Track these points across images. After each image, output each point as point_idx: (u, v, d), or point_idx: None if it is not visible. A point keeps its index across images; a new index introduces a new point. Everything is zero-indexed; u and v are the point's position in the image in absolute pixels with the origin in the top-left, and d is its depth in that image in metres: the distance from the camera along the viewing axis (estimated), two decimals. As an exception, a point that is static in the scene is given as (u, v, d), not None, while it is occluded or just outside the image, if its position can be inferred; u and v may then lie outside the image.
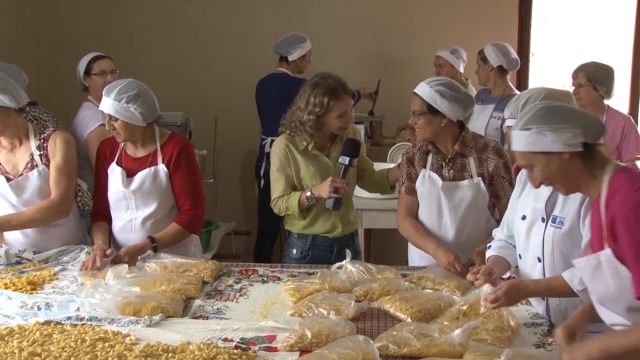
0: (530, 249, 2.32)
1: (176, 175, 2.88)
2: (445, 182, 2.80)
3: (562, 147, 1.87)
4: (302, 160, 2.96)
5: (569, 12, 5.41)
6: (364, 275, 2.59)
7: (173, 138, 2.94)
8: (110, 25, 5.35)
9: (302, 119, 2.88)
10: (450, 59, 4.70)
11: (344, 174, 2.88)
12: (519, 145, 1.95)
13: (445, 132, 2.78)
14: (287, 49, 4.64)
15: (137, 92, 2.77)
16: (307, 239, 3.04)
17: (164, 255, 2.76)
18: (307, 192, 2.92)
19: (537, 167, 1.94)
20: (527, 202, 2.35)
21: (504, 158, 2.81)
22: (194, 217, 2.92)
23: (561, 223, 2.20)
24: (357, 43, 5.32)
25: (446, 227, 2.82)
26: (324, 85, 2.86)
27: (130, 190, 2.86)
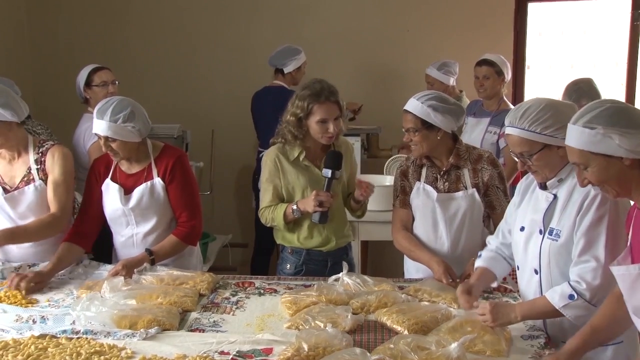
0: (528, 260, 2.31)
1: (172, 187, 2.88)
2: (440, 193, 2.80)
3: (627, 152, 1.78)
4: (293, 171, 2.93)
5: (564, 25, 5.44)
6: (360, 288, 2.59)
7: (167, 150, 2.93)
8: (107, 37, 5.37)
9: (290, 124, 2.87)
10: (438, 76, 4.69)
11: (327, 187, 2.85)
12: (576, 142, 1.85)
13: (441, 146, 2.79)
14: (283, 61, 4.65)
15: (132, 110, 2.75)
16: (301, 254, 3.01)
17: (161, 268, 2.75)
18: (293, 205, 2.89)
19: (593, 167, 1.85)
20: (525, 213, 2.35)
21: (498, 168, 2.81)
22: (191, 229, 2.91)
23: (557, 235, 2.20)
24: (353, 55, 5.34)
25: (442, 239, 2.82)
26: (310, 88, 2.85)
27: (129, 207, 2.85)
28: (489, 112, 4.27)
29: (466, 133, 4.27)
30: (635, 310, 1.86)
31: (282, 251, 3.11)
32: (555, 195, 2.24)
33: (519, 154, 2.22)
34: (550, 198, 2.24)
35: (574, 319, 2.12)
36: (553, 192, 2.25)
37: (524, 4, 5.22)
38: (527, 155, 2.19)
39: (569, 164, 2.16)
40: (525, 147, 2.19)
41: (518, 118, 2.18)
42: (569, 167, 2.19)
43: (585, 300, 2.08)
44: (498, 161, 2.85)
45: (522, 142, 2.19)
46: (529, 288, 2.33)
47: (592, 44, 5.42)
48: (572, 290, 2.09)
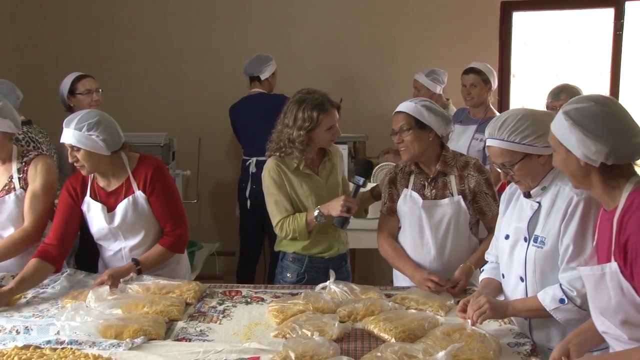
0: (513, 268, 2.32)
1: (153, 198, 2.83)
2: (426, 200, 2.81)
3: (582, 155, 1.81)
4: (296, 180, 2.94)
5: (549, 34, 5.49)
6: (347, 296, 2.58)
7: (143, 161, 2.87)
8: (93, 44, 5.35)
9: (292, 136, 2.87)
10: (426, 82, 4.72)
11: (355, 194, 2.88)
12: (553, 125, 1.88)
13: (430, 150, 2.80)
14: (259, 68, 4.68)
15: (98, 120, 2.68)
16: (303, 261, 3.00)
17: (147, 277, 2.73)
18: (314, 211, 2.88)
19: (557, 155, 1.90)
20: (510, 221, 2.36)
21: (485, 175, 2.82)
22: (177, 237, 2.89)
23: (542, 243, 2.21)
24: (340, 63, 5.35)
25: (428, 245, 2.82)
26: (311, 100, 2.87)
27: (115, 226, 2.81)
28: (475, 120, 4.31)
29: (453, 140, 4.28)
30: (602, 310, 1.88)
31: (282, 260, 3.09)
32: (539, 203, 2.25)
33: (501, 164, 2.23)
34: (534, 206, 2.25)
35: (563, 322, 2.15)
36: (537, 200, 2.26)
37: (509, 13, 5.27)
38: (509, 166, 2.21)
39: (552, 172, 2.20)
40: (506, 158, 2.21)
41: (497, 129, 2.20)
42: (551, 175, 2.21)
43: (576, 305, 2.11)
44: (485, 168, 2.87)
45: (503, 152, 2.21)
46: (514, 296, 2.33)
47: (576, 53, 5.47)
48: (564, 294, 2.11)
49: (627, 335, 1.84)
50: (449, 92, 4.86)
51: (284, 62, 4.95)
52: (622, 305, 1.80)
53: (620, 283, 1.78)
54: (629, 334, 1.83)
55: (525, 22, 5.42)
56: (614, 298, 1.81)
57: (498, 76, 4.46)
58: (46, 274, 2.76)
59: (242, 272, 4.86)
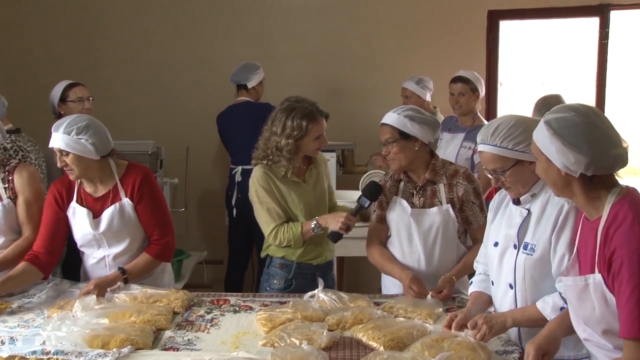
0: (503, 275, 2.32)
1: (141, 205, 2.82)
2: (414, 209, 2.81)
3: (561, 165, 1.82)
4: (284, 188, 2.94)
5: (535, 43, 5.53)
6: (336, 304, 2.57)
7: (131, 168, 2.86)
8: (79, 54, 5.33)
9: (280, 144, 2.87)
10: (416, 90, 4.73)
11: (356, 213, 2.88)
12: (535, 134, 1.89)
13: (418, 159, 2.80)
14: (246, 76, 4.68)
15: (87, 124, 2.69)
16: (291, 267, 3.00)
17: (134, 286, 2.71)
18: (312, 222, 2.89)
19: (538, 163, 1.91)
20: (499, 228, 2.36)
21: (473, 184, 2.82)
22: (164, 246, 2.87)
23: (532, 250, 2.21)
24: (327, 72, 5.36)
25: (417, 253, 2.82)
26: (301, 109, 2.87)
27: (100, 232, 2.80)
28: (463, 128, 4.32)
29: (441, 148, 4.30)
30: (585, 319, 1.89)
31: (268, 267, 3.07)
32: (528, 210, 2.26)
33: (492, 170, 2.24)
34: (524, 213, 2.26)
35: None
36: (526, 207, 2.26)
37: (496, 22, 5.29)
38: (500, 172, 2.22)
39: (542, 179, 2.19)
40: (498, 164, 2.21)
41: (490, 135, 2.21)
42: (541, 182, 2.21)
43: None
44: (474, 177, 2.87)
45: (495, 158, 2.21)
46: (503, 303, 2.33)
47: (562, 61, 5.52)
48: (564, 303, 2.09)
49: (611, 344, 1.85)
50: (436, 100, 4.88)
51: (272, 70, 4.96)
52: (605, 315, 1.81)
53: (604, 294, 1.79)
54: (612, 342, 1.84)
55: (512, 30, 5.47)
56: (597, 308, 1.82)
57: (485, 84, 4.49)
58: (33, 278, 2.76)
59: (230, 280, 4.84)
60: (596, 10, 5.11)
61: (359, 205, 2.87)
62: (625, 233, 1.75)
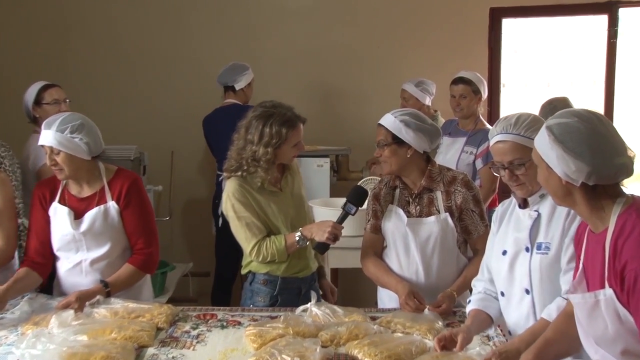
0: (516, 282, 2.32)
1: (127, 212, 2.84)
2: (411, 218, 2.82)
3: (562, 173, 1.82)
4: (262, 200, 2.93)
5: (540, 42, 5.55)
6: (330, 319, 2.57)
7: (121, 173, 2.90)
8: (55, 53, 5.33)
9: (257, 154, 2.85)
10: (415, 92, 4.75)
11: (342, 221, 2.86)
12: (537, 139, 1.89)
13: (411, 165, 2.81)
14: (234, 77, 4.70)
15: (82, 122, 2.74)
16: (276, 283, 2.98)
17: (115, 300, 2.70)
18: (295, 235, 2.87)
19: (540, 170, 1.91)
20: (506, 235, 2.36)
21: (472, 191, 2.83)
22: (148, 256, 2.88)
23: (547, 249, 2.22)
24: (320, 73, 5.38)
25: (415, 265, 2.83)
26: (279, 115, 2.86)
27: (80, 232, 2.80)
28: (465, 132, 4.33)
29: (441, 153, 4.31)
30: (597, 339, 1.86)
31: (251, 284, 3.04)
32: (538, 212, 2.27)
33: (509, 162, 2.24)
34: (534, 215, 2.28)
35: None
36: (535, 209, 2.28)
37: (499, 20, 5.33)
38: (518, 164, 2.23)
39: None
40: (519, 154, 2.22)
41: (512, 125, 2.24)
42: None
43: None
44: (473, 183, 2.88)
45: (517, 148, 2.22)
46: (519, 312, 2.32)
47: (569, 61, 5.53)
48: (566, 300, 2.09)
49: None
50: (436, 102, 4.90)
51: (261, 71, 4.97)
52: (620, 334, 1.79)
53: (617, 310, 1.77)
54: None
55: (516, 29, 5.49)
56: (611, 327, 1.80)
57: (487, 86, 4.49)
58: (35, 283, 2.84)
59: (218, 294, 4.84)
60: (604, 7, 5.16)
61: (345, 212, 2.86)
62: (636, 244, 1.74)
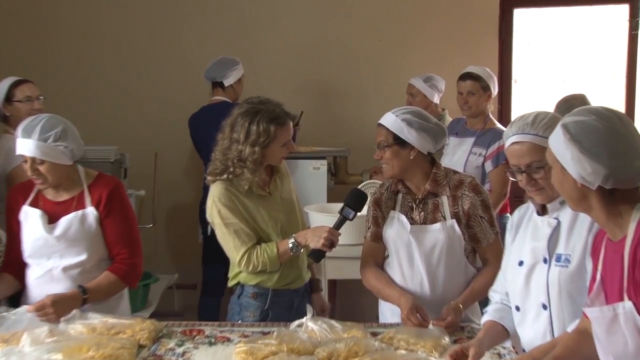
0: (532, 296, 2.31)
1: (108, 220, 2.85)
2: (414, 225, 2.83)
3: (577, 175, 1.82)
4: (251, 204, 2.93)
5: (555, 34, 5.55)
6: (327, 334, 2.57)
7: (101, 179, 2.92)
8: (28, 46, 5.33)
9: (244, 154, 2.86)
10: (424, 88, 4.76)
11: (339, 226, 2.87)
12: (551, 138, 1.90)
13: (415, 168, 2.82)
14: (223, 72, 4.72)
15: (64, 128, 2.75)
16: (266, 297, 2.98)
17: (93, 315, 2.70)
18: (289, 241, 2.88)
19: (554, 172, 1.91)
20: (523, 245, 2.36)
21: (481, 195, 2.84)
22: (131, 267, 2.89)
23: (567, 261, 2.20)
24: (317, 68, 5.39)
25: (419, 276, 2.83)
26: (266, 112, 2.87)
27: (54, 236, 2.81)
28: (473, 132, 4.33)
29: (447, 155, 4.32)
30: (616, 356, 1.86)
31: (239, 297, 3.05)
32: (557, 219, 2.26)
33: (526, 166, 2.23)
34: (553, 223, 2.26)
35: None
36: (554, 216, 2.27)
37: (510, 10, 5.34)
38: (537, 167, 2.21)
39: None
40: (537, 156, 2.20)
41: (530, 124, 2.23)
42: None
43: None
44: (482, 187, 2.89)
45: (535, 150, 2.21)
46: (535, 329, 2.31)
47: (586, 55, 5.53)
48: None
49: None
50: (443, 100, 4.90)
51: (253, 67, 4.99)
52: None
53: (637, 324, 1.77)
54: None
55: (528, 20, 5.49)
56: (631, 342, 1.79)
57: (498, 82, 4.51)
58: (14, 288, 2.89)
59: (205, 307, 4.84)
60: (625, -4, 5.18)
61: (343, 217, 2.87)
62: None
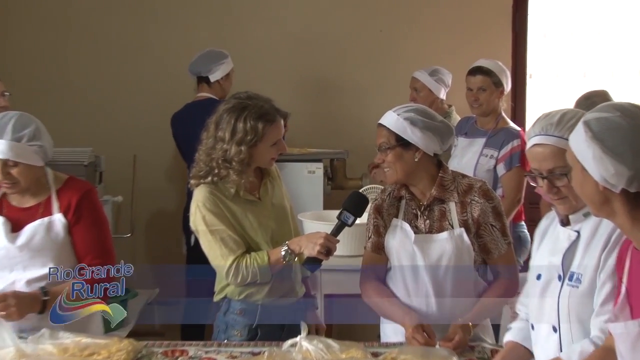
0: (545, 315, 2.31)
1: (78, 228, 2.85)
2: (419, 235, 2.82)
3: (598, 177, 1.80)
4: (238, 210, 2.92)
5: (575, 25, 5.55)
6: (324, 355, 2.56)
7: (71, 183, 2.92)
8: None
9: (229, 154, 2.85)
10: (429, 82, 4.76)
11: (337, 233, 2.85)
12: (571, 137, 1.88)
13: (420, 171, 2.82)
14: (208, 66, 4.72)
15: (37, 127, 2.77)
16: (254, 313, 2.97)
17: (64, 334, 2.69)
18: (281, 248, 2.86)
19: (574, 173, 1.89)
20: (543, 257, 2.36)
21: (492, 202, 2.83)
22: None
23: (579, 281, 2.19)
24: (312, 63, 5.40)
25: (424, 291, 2.82)
26: (254, 107, 2.86)
27: (16, 246, 2.80)
28: (484, 131, 4.33)
29: (455, 157, 4.32)
30: None
31: (225, 314, 3.04)
32: (578, 232, 2.24)
33: (548, 171, 2.21)
34: (572, 236, 2.25)
35: None
36: (576, 228, 2.25)
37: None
38: (560, 173, 2.19)
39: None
40: (561, 162, 2.15)
41: (554, 125, 2.19)
42: None
43: None
44: (493, 192, 2.88)
45: (559, 154, 2.16)
46: (545, 353, 2.30)
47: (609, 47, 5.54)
48: (595, 347, 2.08)
49: None
50: (450, 97, 4.91)
51: (242, 61, 4.98)
52: None
53: None
54: None
55: (545, 8, 5.51)
56: None
57: (511, 77, 4.50)
58: None
59: (189, 326, 4.83)
60: (652, -18, 5.20)
61: (341, 223, 2.84)
62: None
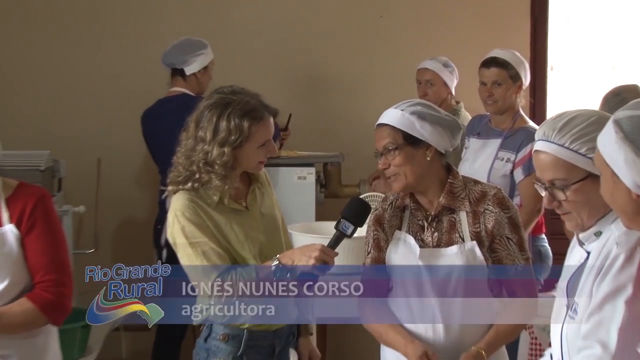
0: (555, 346, 2.31)
1: (31, 238, 2.81)
2: (425, 249, 2.81)
3: (631, 182, 1.80)
4: (223, 220, 2.91)
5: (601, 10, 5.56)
6: (316, 387, 2.58)
7: (23, 189, 2.89)
8: None
9: (211, 156, 2.84)
10: (444, 73, 4.78)
11: (335, 244, 2.83)
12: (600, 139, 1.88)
13: (431, 174, 2.81)
14: (184, 57, 4.74)
15: None
16: (240, 339, 2.95)
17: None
18: (272, 263, 2.82)
19: (603, 179, 1.89)
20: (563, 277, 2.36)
21: (508, 211, 2.81)
22: (57, 296, 2.81)
23: (575, 312, 2.19)
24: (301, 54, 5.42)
25: (431, 312, 2.80)
26: (239, 103, 2.85)
27: None
28: (499, 132, 4.31)
29: (467, 161, 4.32)
30: None
31: (206, 340, 3.00)
32: (589, 253, 2.23)
33: (549, 182, 2.20)
34: (583, 257, 2.24)
35: None
36: (588, 248, 2.24)
37: (545, -19, 5.38)
38: (561, 186, 2.18)
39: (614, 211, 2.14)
40: (560, 173, 2.17)
41: (557, 130, 2.17)
42: (613, 215, 2.16)
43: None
44: (510, 201, 2.87)
45: (558, 164, 2.17)
46: None
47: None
48: None
49: None
50: (459, 92, 4.92)
51: (223, 52, 4.99)
52: None
53: None
54: None
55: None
56: None
57: (530, 69, 4.51)
58: None
59: (161, 354, 4.83)
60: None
61: (340, 233, 2.82)
62: None
